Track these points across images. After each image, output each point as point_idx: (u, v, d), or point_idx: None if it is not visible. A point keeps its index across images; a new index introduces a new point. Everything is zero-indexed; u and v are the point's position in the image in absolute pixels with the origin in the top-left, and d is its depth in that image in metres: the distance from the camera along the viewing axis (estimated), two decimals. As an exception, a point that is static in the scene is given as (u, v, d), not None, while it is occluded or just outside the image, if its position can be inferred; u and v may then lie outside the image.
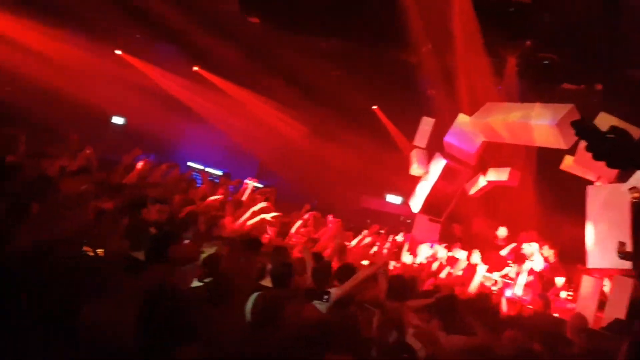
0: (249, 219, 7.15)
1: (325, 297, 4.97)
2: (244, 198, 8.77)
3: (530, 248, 9.74)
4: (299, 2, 10.92)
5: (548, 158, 9.77)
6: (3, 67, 11.21)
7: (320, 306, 4.73)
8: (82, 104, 12.29)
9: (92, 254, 3.83)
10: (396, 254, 9.34)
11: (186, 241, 5.00)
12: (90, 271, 3.24)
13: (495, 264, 9.64)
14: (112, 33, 12.82)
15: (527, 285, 8.82)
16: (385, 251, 8.81)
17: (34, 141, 8.21)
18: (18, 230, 4.06)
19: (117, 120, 15.08)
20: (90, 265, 3.63)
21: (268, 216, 7.62)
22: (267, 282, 5.08)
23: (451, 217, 11.70)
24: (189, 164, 14.18)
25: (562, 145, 8.59)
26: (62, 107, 11.85)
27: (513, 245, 10.22)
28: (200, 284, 4.66)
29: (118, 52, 13.37)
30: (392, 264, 8.08)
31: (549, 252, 9.79)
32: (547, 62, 10.37)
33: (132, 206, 5.91)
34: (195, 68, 13.72)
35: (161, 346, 2.79)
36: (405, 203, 13.14)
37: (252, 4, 12.27)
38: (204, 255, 4.98)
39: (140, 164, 8.37)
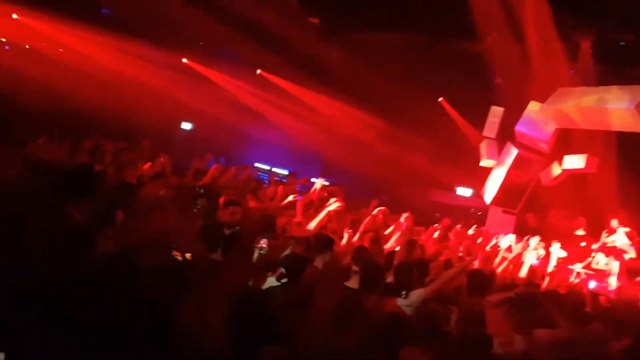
0: (323, 219, 7.08)
1: (404, 293, 4.94)
2: (313, 197, 8.80)
3: (620, 240, 9.28)
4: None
5: (629, 142, 9.32)
6: (81, 81, 11.80)
7: (407, 309, 4.69)
8: (152, 111, 12.78)
9: (180, 258, 3.94)
10: (470, 248, 9.13)
11: (263, 241, 5.05)
12: (179, 275, 3.34)
13: (576, 255, 9.28)
14: (178, 42, 13.21)
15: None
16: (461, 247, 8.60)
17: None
18: (104, 237, 4.24)
19: (186, 125, 15.54)
20: (178, 269, 3.74)
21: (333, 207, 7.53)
22: (352, 283, 5.05)
23: (526, 208, 11.35)
24: (256, 164, 14.39)
25: (643, 128, 8.21)
26: (134, 115, 12.33)
27: (604, 239, 9.67)
28: (277, 283, 4.71)
29: (184, 60, 13.75)
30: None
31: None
32: (623, 43, 9.90)
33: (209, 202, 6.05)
34: (259, 71, 13.91)
35: (249, 347, 2.86)
36: (476, 195, 12.85)
37: (312, 4, 12.32)
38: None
39: (213, 167, 8.59)
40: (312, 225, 6.76)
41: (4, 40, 14.25)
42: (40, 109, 11.81)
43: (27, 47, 14.11)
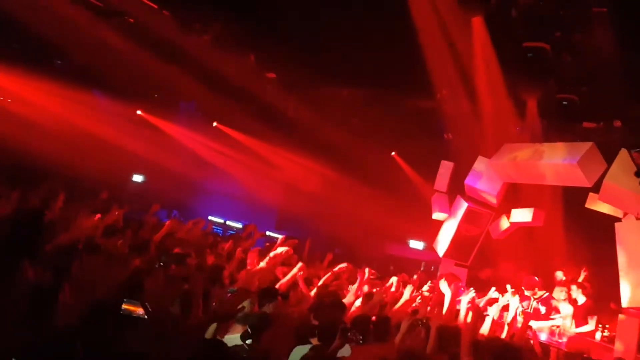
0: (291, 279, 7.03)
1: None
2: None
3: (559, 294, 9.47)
4: (314, 55, 11.11)
5: (575, 196, 9.69)
6: (31, 131, 11.53)
7: None
8: (103, 162, 12.55)
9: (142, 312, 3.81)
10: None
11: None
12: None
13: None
14: (133, 94, 13.16)
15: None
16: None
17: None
18: (62, 291, 4.09)
19: (137, 178, 15.30)
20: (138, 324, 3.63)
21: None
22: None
23: (477, 261, 11.54)
24: (210, 217, 14.23)
25: (585, 183, 8.52)
26: (85, 166, 12.09)
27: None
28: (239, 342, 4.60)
29: (139, 112, 13.70)
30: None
31: (577, 292, 9.53)
32: (565, 102, 10.49)
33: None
34: (215, 124, 13.96)
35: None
36: (428, 248, 13.02)
37: (268, 60, 12.53)
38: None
39: (168, 223, 8.50)
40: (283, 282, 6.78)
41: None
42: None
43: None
